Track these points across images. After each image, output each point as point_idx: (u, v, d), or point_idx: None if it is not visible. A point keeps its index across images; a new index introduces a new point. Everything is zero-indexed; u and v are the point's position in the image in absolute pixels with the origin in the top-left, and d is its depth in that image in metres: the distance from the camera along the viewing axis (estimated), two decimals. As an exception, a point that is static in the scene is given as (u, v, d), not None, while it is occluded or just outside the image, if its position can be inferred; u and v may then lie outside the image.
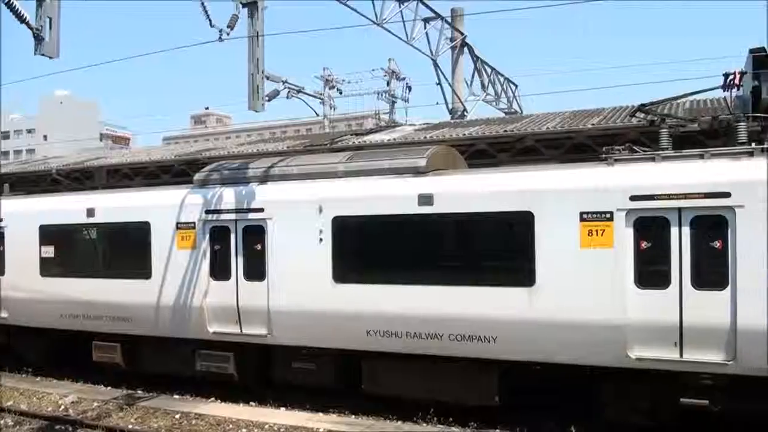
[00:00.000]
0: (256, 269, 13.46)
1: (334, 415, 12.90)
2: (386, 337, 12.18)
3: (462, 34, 27.73)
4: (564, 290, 10.97)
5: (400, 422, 12.33)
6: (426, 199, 12.03)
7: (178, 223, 14.32)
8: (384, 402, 12.70)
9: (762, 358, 9.94)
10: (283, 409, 13.44)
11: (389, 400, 12.62)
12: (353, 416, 12.76)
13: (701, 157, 10.76)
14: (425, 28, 25.67)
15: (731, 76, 12.08)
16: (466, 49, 28.22)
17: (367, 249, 12.81)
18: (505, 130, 16.54)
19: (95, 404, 14.15)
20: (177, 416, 13.13)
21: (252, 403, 13.82)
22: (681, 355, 10.42)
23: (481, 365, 11.73)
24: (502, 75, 31.35)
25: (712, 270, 10.34)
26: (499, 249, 12.05)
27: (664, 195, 10.51)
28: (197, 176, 15.01)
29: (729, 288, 10.16)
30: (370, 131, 22.26)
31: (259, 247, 13.46)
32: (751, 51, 13.38)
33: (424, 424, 12.08)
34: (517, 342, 11.29)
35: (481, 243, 12.18)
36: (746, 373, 10.11)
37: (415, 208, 12.08)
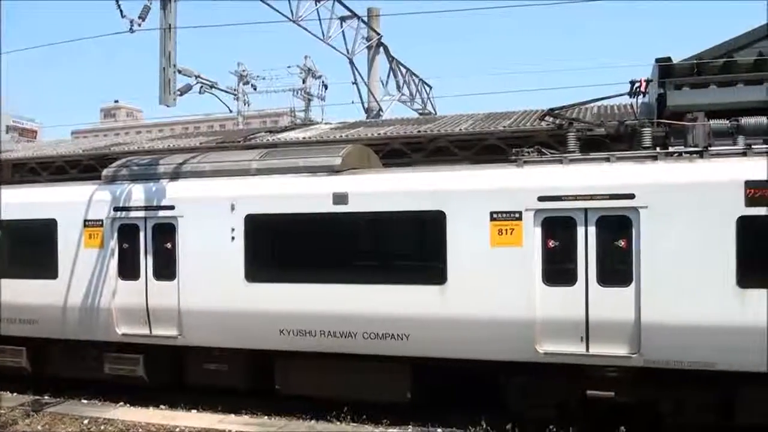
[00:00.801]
0: (166, 268, 13.16)
1: (246, 416, 12.74)
2: (300, 336, 12.13)
3: (378, 33, 27.88)
4: (475, 288, 11.20)
5: (313, 421, 12.28)
6: (341, 198, 12.04)
7: (85, 221, 13.86)
8: (299, 401, 12.63)
9: (664, 351, 10.42)
10: (194, 411, 13.16)
11: (304, 399, 12.56)
12: (266, 417, 12.62)
13: (607, 160, 11.19)
14: (341, 26, 25.67)
15: (637, 84, 12.61)
16: (381, 49, 28.37)
17: (280, 248, 12.72)
18: (419, 131, 16.79)
19: (1, 411, 13.56)
20: (85, 422, 12.68)
21: (162, 406, 13.47)
22: (587, 350, 10.81)
23: (394, 363, 11.84)
24: (417, 76, 31.66)
25: (617, 268, 10.76)
26: (412, 248, 12.20)
27: (571, 196, 10.87)
28: (106, 172, 14.55)
29: (633, 285, 10.60)
30: (285, 129, 22.23)
31: (169, 245, 13.17)
32: (657, 60, 13.99)
33: (338, 423, 12.06)
34: (429, 339, 11.44)
35: (394, 242, 12.29)
36: (650, 366, 10.58)
37: (329, 207, 12.08)
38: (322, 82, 41.45)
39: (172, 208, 13.15)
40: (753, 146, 10.80)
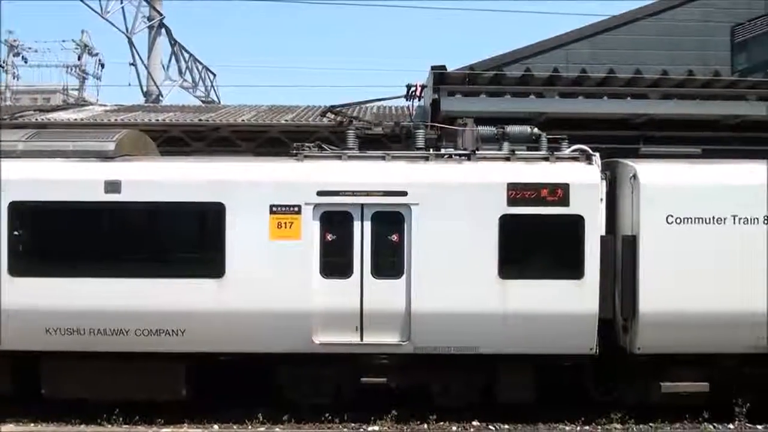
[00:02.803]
0: None
1: (11, 425, 11.63)
2: (68, 335, 11.31)
3: (160, 14, 26.94)
4: (253, 281, 11.17)
5: (83, 426, 11.52)
6: (113, 186, 11.44)
7: None
8: (70, 405, 11.75)
9: (432, 338, 11.15)
10: (-49, 425, 11.82)
11: (77, 402, 11.73)
12: (32, 424, 11.64)
13: (383, 158, 11.65)
14: (121, 2, 24.56)
15: (413, 88, 13.24)
16: (164, 31, 27.46)
17: (47, 239, 11.76)
18: (200, 119, 16.44)
19: None
20: None
21: None
22: (362, 339, 11.23)
23: (168, 359, 11.48)
24: (201, 62, 30.98)
25: (390, 261, 11.28)
26: (189, 240, 11.88)
27: (349, 191, 11.21)
28: None
29: (404, 277, 11.18)
30: (57, 108, 20.90)
31: None
32: (433, 68, 14.70)
33: (109, 426, 11.44)
34: (207, 334, 11.24)
35: (171, 234, 11.82)
36: (419, 352, 11.23)
37: (101, 196, 11.38)
38: (99, 60, 39.31)
39: None
40: (516, 152, 11.81)
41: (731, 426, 11.20)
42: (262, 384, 12.03)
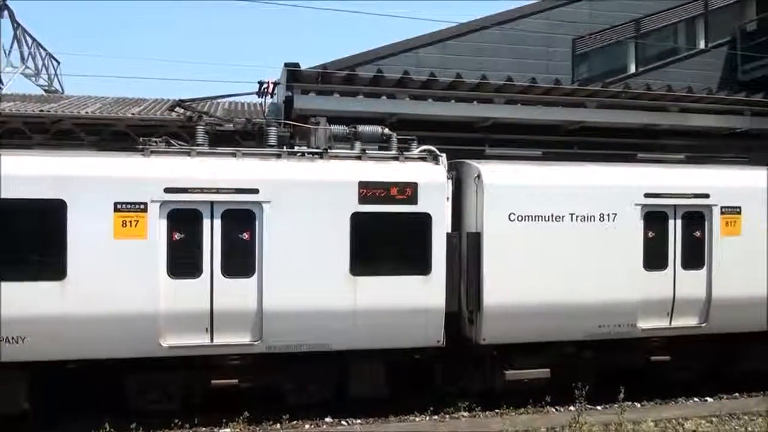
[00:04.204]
0: None
1: None
2: None
3: (3, -6, 25.26)
4: (97, 282, 10.64)
5: None
6: None
7: None
8: None
9: (285, 336, 11.16)
10: None
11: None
12: None
13: (234, 155, 11.50)
14: (-41, -21, 22.81)
15: (266, 85, 13.11)
16: (6, 13, 25.75)
17: None
18: (42, 110, 15.58)
19: None
20: None
21: None
22: (212, 340, 11.04)
23: (8, 370, 10.70)
24: (45, 49, 29.22)
25: (241, 259, 11.13)
26: (28, 240, 11.00)
27: (198, 189, 10.96)
28: None
29: (256, 275, 11.09)
30: None
31: None
32: (286, 65, 14.64)
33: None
34: (49, 341, 10.55)
35: (8, 233, 10.90)
36: (271, 351, 11.21)
37: None
38: (-67, 42, 36.27)
39: None
40: (367, 151, 12.03)
41: (572, 408, 11.87)
42: (111, 392, 11.56)
